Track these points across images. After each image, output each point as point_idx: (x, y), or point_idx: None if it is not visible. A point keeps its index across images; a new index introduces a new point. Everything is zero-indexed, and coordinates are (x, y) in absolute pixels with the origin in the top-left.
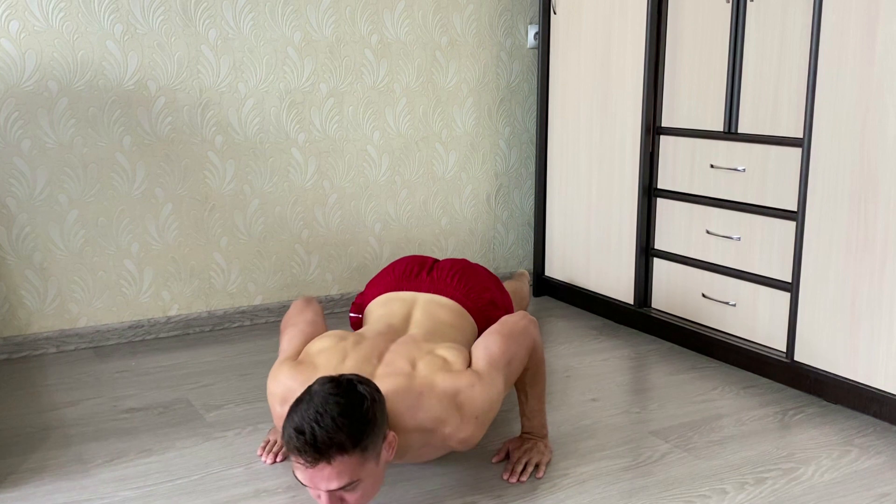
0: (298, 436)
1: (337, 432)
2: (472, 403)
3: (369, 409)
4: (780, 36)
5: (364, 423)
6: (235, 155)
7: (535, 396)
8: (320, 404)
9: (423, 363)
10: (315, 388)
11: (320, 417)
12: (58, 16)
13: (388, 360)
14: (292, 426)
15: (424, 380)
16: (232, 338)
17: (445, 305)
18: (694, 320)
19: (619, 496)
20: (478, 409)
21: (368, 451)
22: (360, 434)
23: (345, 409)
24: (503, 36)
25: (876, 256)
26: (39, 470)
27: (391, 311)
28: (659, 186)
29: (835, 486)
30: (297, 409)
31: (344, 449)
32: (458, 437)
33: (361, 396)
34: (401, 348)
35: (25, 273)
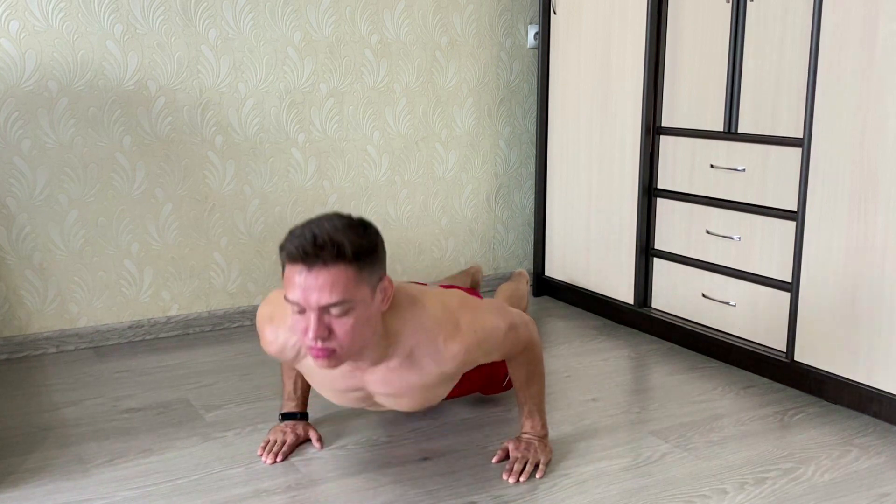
0: (298, 238)
1: (339, 234)
2: (473, 316)
3: (372, 233)
4: (780, 36)
5: (365, 239)
6: (235, 155)
7: (534, 396)
8: (325, 219)
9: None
10: (318, 215)
11: (323, 225)
12: (58, 16)
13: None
14: (294, 235)
15: (431, 288)
16: (232, 338)
17: None
18: (694, 320)
19: (619, 496)
20: (478, 324)
21: (364, 273)
22: (360, 245)
23: (349, 225)
24: (503, 36)
25: (876, 256)
26: (39, 470)
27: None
28: (659, 186)
29: (835, 486)
30: (298, 227)
31: (342, 254)
32: (451, 347)
33: (365, 222)
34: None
35: (25, 273)
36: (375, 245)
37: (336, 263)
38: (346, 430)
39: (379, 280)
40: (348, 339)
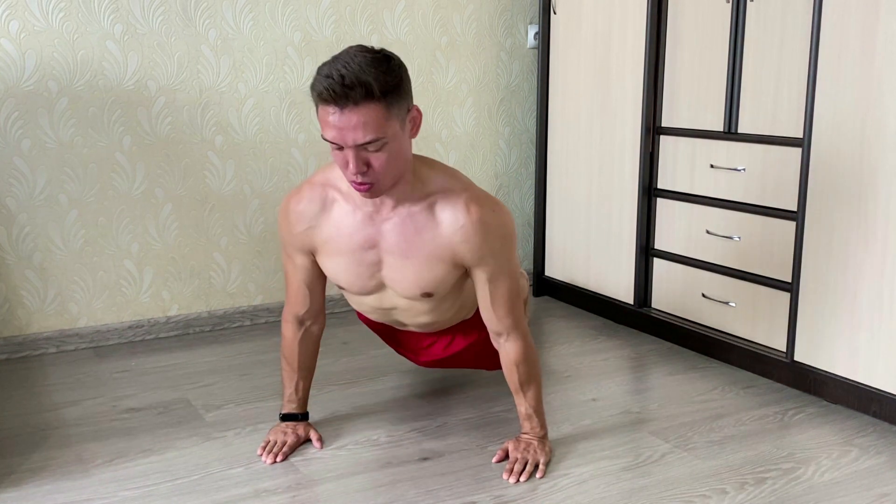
0: (327, 79)
1: (365, 73)
2: (498, 209)
3: (397, 67)
4: (780, 36)
5: (392, 74)
6: (235, 155)
7: (532, 397)
8: (349, 56)
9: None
10: (343, 50)
11: (349, 64)
12: (58, 16)
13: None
14: (322, 75)
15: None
16: (232, 338)
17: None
18: (694, 320)
19: (619, 496)
20: (500, 210)
21: (393, 107)
22: (387, 83)
23: (373, 61)
24: (503, 36)
25: (876, 256)
26: (39, 470)
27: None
28: (659, 186)
29: (835, 486)
30: (326, 65)
31: (371, 93)
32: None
33: (390, 56)
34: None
35: (25, 273)
36: (401, 79)
37: (366, 103)
38: (346, 430)
39: (407, 111)
40: (384, 171)
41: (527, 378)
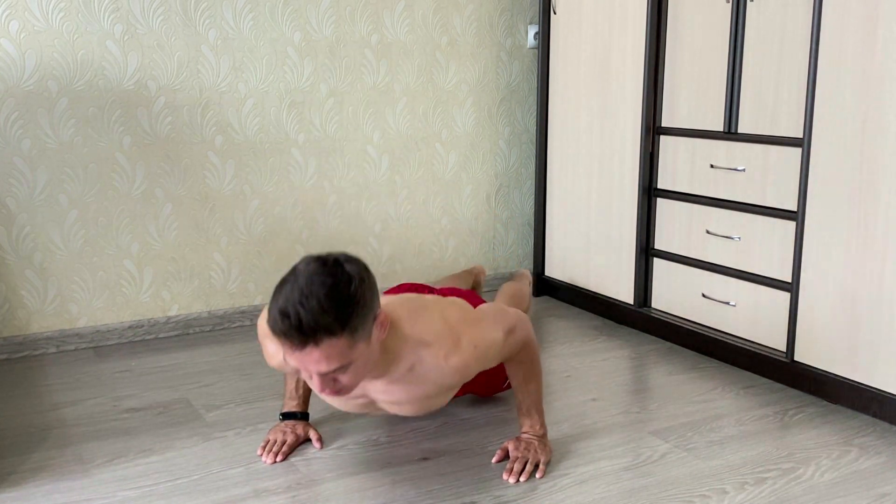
0: (283, 319)
1: (323, 315)
2: (473, 331)
3: (357, 289)
4: (780, 36)
5: (351, 303)
6: (235, 155)
7: (532, 395)
8: (305, 284)
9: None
10: (300, 268)
11: (305, 300)
12: (58, 16)
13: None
14: (277, 308)
15: (433, 301)
16: (232, 338)
17: None
18: (694, 320)
19: (619, 496)
20: (477, 338)
21: (358, 333)
22: (347, 316)
23: (331, 290)
24: (503, 36)
25: (876, 256)
26: (39, 470)
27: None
28: (659, 186)
29: (835, 486)
30: (282, 290)
31: (331, 332)
32: (451, 361)
33: (348, 276)
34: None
35: (25, 273)
36: (363, 300)
37: (328, 340)
38: (346, 430)
39: (374, 321)
40: (353, 382)
41: (529, 375)
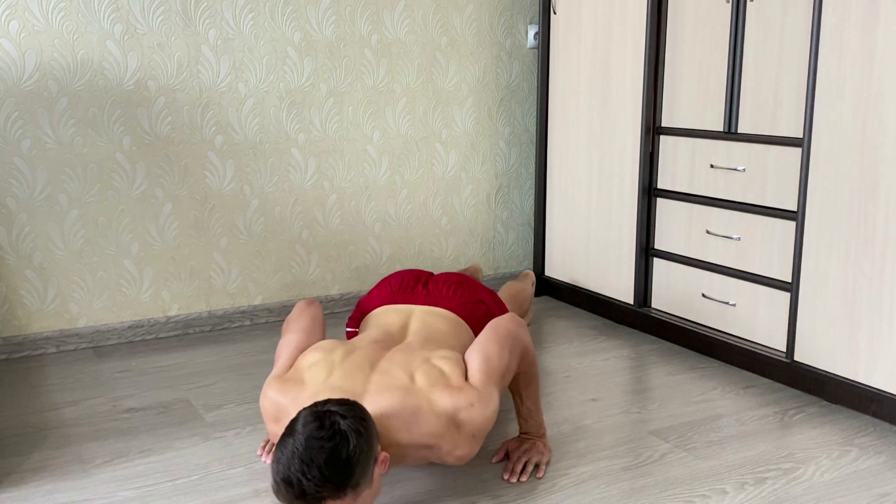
0: (288, 487)
1: (325, 483)
2: (470, 423)
3: (355, 448)
4: (780, 36)
5: (351, 465)
6: (235, 155)
7: (531, 397)
8: (305, 451)
9: (420, 374)
10: (298, 429)
11: (307, 468)
12: (58, 16)
13: (384, 369)
14: (280, 476)
15: (422, 395)
16: (232, 338)
17: (442, 315)
18: (694, 320)
19: (619, 496)
20: (476, 428)
21: (361, 486)
22: (348, 478)
23: (331, 456)
24: (503, 36)
25: (876, 256)
26: (39, 470)
27: (388, 321)
28: (659, 186)
29: (835, 486)
30: (283, 453)
31: (335, 495)
32: (455, 454)
33: (346, 436)
34: (397, 356)
35: (25, 273)
36: (363, 455)
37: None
38: None
39: (374, 463)
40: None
41: (528, 379)
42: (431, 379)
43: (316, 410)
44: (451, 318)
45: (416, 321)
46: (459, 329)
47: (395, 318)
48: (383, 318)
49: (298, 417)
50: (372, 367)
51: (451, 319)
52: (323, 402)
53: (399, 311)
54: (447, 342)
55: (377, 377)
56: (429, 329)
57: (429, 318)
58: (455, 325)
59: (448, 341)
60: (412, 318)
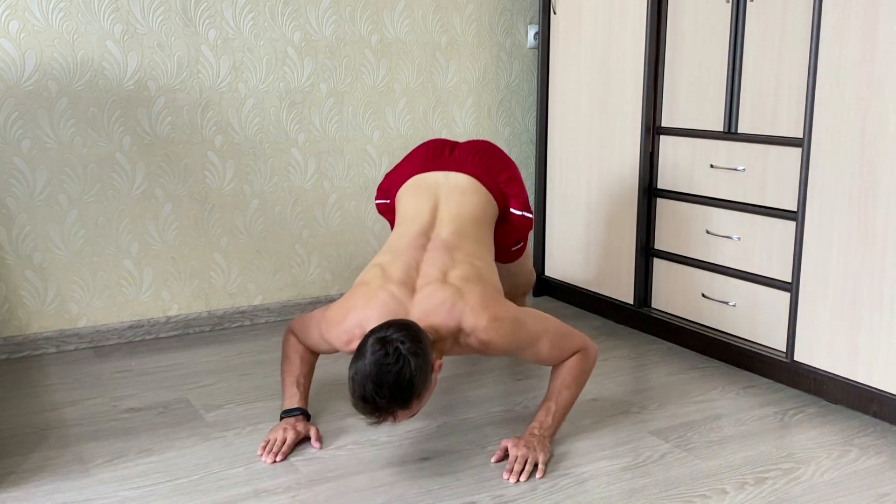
0: (364, 403)
1: (394, 400)
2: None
3: (417, 368)
4: (780, 36)
5: (414, 382)
6: (235, 155)
7: (563, 399)
8: (376, 375)
9: (455, 274)
10: (367, 354)
11: (378, 389)
12: (58, 16)
13: (425, 272)
14: (357, 395)
15: (458, 293)
16: (232, 338)
17: (467, 190)
18: (694, 320)
19: (619, 496)
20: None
21: (423, 394)
22: (413, 392)
23: (397, 378)
24: (503, 36)
25: (876, 256)
26: (39, 470)
27: (419, 206)
28: (659, 186)
29: (835, 486)
30: (357, 374)
31: (403, 406)
32: (480, 337)
33: (407, 360)
34: (435, 256)
35: (25, 273)
36: (423, 371)
37: (402, 412)
38: (346, 430)
39: (432, 372)
40: (420, 409)
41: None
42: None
43: (380, 337)
44: (476, 188)
45: (444, 206)
46: (484, 201)
47: (425, 204)
48: (414, 200)
49: (366, 344)
50: (416, 269)
51: (476, 190)
52: (385, 326)
53: (428, 186)
54: (474, 233)
55: (421, 281)
56: (458, 215)
57: (455, 198)
58: (480, 198)
59: (475, 232)
60: (441, 203)
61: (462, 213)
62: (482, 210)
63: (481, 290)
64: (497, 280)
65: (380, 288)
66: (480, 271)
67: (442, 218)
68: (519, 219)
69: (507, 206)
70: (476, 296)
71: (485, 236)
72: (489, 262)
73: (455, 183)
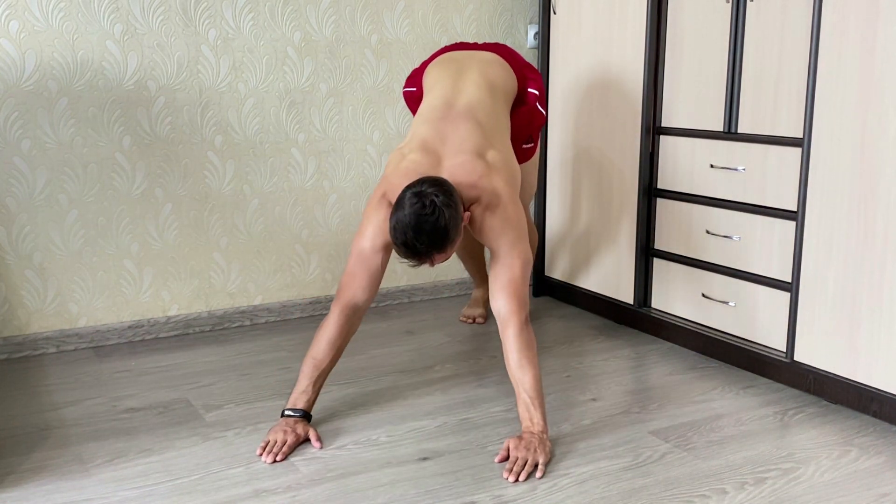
0: (406, 249)
1: (433, 244)
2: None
3: (450, 217)
4: (780, 36)
5: (448, 230)
6: (235, 155)
7: (528, 385)
8: (415, 224)
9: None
10: (406, 207)
11: (417, 236)
12: (58, 16)
13: (453, 142)
14: (399, 241)
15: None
16: (232, 338)
17: (491, 62)
18: (694, 320)
19: (619, 496)
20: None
21: (455, 240)
22: (447, 240)
23: (434, 226)
24: (503, 36)
25: (876, 256)
26: (39, 470)
27: (443, 76)
28: (659, 186)
29: (835, 486)
30: (398, 223)
31: (440, 251)
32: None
33: (441, 210)
34: (461, 129)
35: (25, 273)
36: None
37: (438, 255)
38: (346, 430)
39: (461, 222)
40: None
41: (523, 361)
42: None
43: (417, 191)
44: (499, 61)
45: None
46: (505, 74)
47: (450, 72)
48: (439, 72)
49: (404, 197)
50: (443, 140)
51: (499, 63)
52: (420, 182)
53: (456, 59)
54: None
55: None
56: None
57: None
58: (502, 68)
59: (496, 106)
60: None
61: (484, 80)
62: (502, 81)
63: (508, 175)
64: (518, 172)
65: (403, 158)
66: (510, 162)
67: (466, 84)
68: (534, 105)
69: (525, 86)
70: (503, 177)
71: (502, 109)
72: (510, 147)
73: (480, 56)
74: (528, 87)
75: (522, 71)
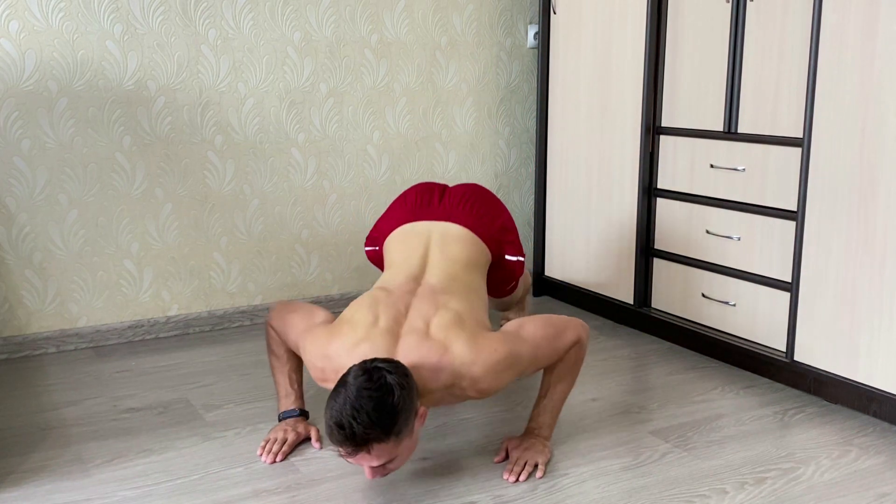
0: (339, 430)
1: (373, 427)
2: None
3: (399, 399)
4: (780, 36)
5: (395, 413)
6: (235, 155)
7: (558, 393)
8: (355, 400)
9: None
10: (350, 381)
11: (357, 413)
12: (58, 16)
13: (410, 319)
14: (333, 421)
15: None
16: (232, 338)
17: (459, 239)
18: (694, 320)
19: (619, 496)
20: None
21: (402, 434)
22: (392, 425)
23: (378, 404)
24: (503, 36)
25: (876, 256)
26: (39, 470)
27: (408, 253)
28: (659, 186)
29: (835, 486)
30: (336, 401)
31: (381, 440)
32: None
33: (391, 388)
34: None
35: (25, 273)
36: (406, 406)
37: (378, 445)
38: None
39: (415, 417)
40: (399, 465)
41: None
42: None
43: (365, 366)
44: (468, 237)
45: (434, 252)
46: (476, 250)
47: (415, 248)
48: (404, 244)
49: (350, 372)
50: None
51: (468, 240)
52: (371, 360)
53: (418, 233)
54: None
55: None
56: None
57: (446, 245)
58: (472, 247)
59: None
60: (431, 248)
61: (453, 259)
62: (475, 259)
63: (466, 336)
64: (483, 316)
65: (364, 339)
66: (461, 315)
67: (433, 264)
68: (513, 263)
69: (501, 253)
70: (461, 344)
71: (476, 282)
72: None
73: (446, 231)
74: (504, 255)
75: (497, 237)
